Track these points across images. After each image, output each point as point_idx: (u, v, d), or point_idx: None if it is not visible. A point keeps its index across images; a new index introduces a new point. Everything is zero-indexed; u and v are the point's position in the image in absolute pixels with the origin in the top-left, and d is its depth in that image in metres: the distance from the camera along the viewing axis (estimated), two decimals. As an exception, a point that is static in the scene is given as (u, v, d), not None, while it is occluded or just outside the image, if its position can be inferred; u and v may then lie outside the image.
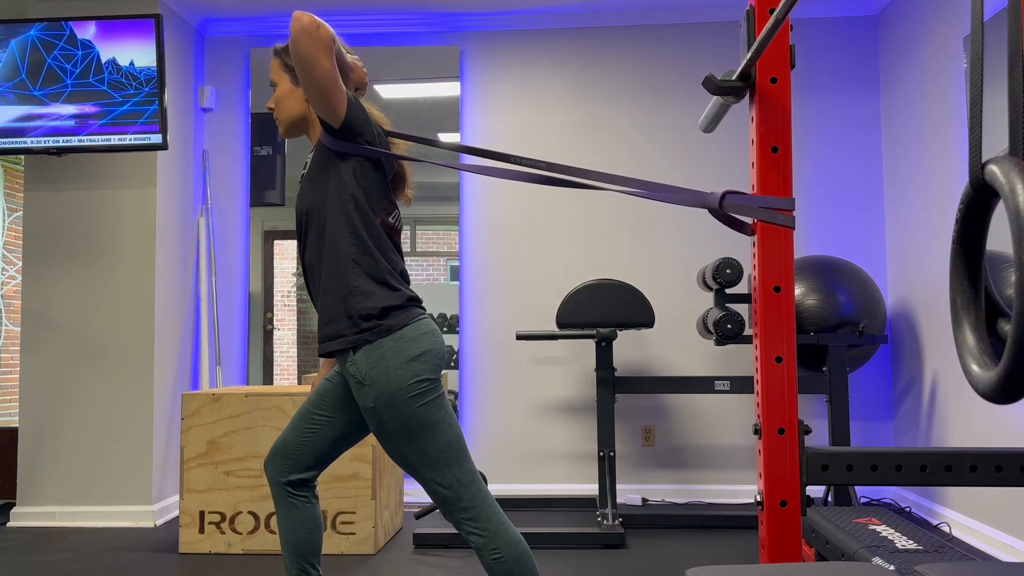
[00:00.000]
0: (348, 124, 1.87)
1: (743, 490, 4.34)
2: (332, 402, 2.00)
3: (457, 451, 1.86)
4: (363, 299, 1.86)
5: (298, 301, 4.62)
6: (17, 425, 4.36)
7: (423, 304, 1.96)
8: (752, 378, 3.73)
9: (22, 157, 4.98)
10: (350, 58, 1.98)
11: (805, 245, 4.42)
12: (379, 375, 1.83)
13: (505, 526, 1.86)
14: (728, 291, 3.81)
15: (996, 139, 3.11)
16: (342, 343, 1.87)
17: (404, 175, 2.08)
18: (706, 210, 4.56)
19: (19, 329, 5.10)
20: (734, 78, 1.71)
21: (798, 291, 3.81)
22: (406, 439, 1.84)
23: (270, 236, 4.63)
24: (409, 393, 1.82)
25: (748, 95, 1.73)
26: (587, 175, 1.75)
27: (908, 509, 4.06)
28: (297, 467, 1.99)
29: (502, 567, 1.83)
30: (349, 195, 1.88)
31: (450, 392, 4.46)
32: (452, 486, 1.84)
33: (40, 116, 3.78)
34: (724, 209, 1.58)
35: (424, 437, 1.83)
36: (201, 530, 3.40)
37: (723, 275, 3.57)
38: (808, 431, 1.67)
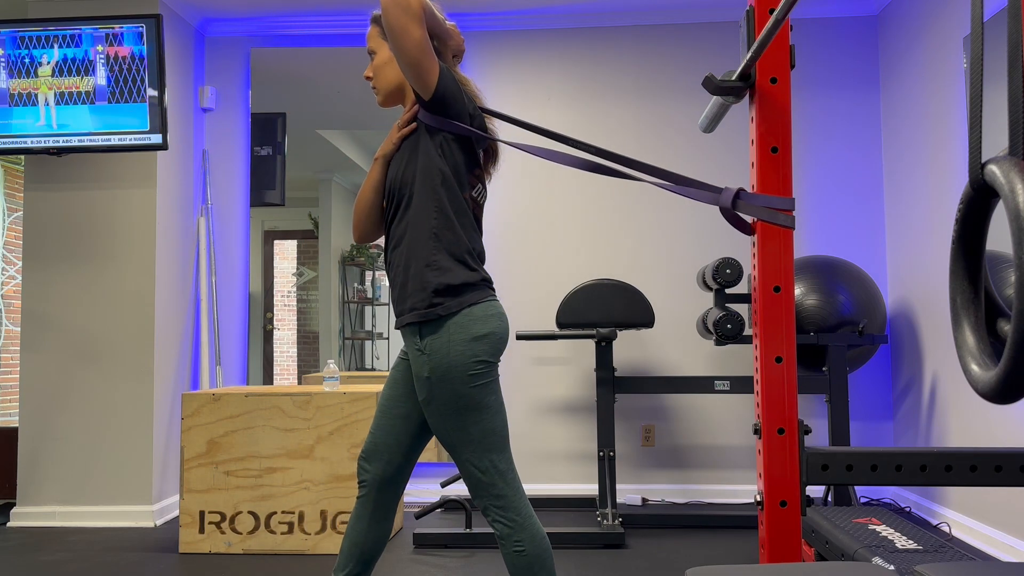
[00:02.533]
0: (439, 96, 1.85)
1: (743, 490, 4.34)
2: (405, 389, 1.97)
3: (500, 438, 1.86)
4: (440, 274, 1.84)
5: (298, 301, 4.62)
6: (17, 425, 4.36)
7: (494, 287, 1.95)
8: (752, 378, 3.73)
9: (22, 157, 4.97)
10: (447, 25, 1.95)
11: (805, 245, 4.42)
12: (439, 347, 1.82)
13: (532, 520, 1.85)
14: (728, 291, 3.81)
15: (996, 139, 3.11)
16: (414, 316, 1.85)
17: (496, 150, 2.05)
18: (708, 208, 4.56)
19: (19, 329, 5.10)
20: (734, 78, 1.71)
21: (798, 291, 3.81)
22: (452, 415, 1.83)
23: (270, 236, 4.63)
24: (467, 371, 1.81)
25: (748, 95, 1.73)
26: (630, 163, 1.75)
27: (908, 509, 4.06)
28: (391, 465, 1.96)
29: (522, 560, 1.82)
30: (437, 169, 1.86)
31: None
32: (488, 471, 1.84)
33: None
34: (735, 208, 1.58)
35: (471, 417, 1.83)
36: (201, 530, 3.40)
37: (723, 275, 3.57)
38: (808, 431, 1.67)
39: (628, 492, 4.37)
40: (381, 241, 4.43)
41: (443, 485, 3.69)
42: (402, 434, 1.96)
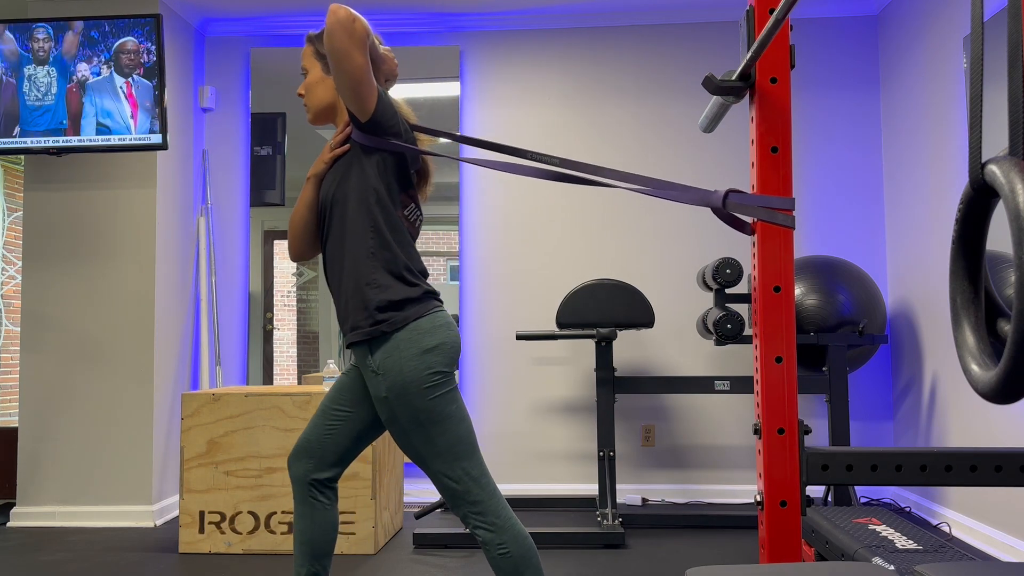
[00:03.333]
0: (376, 118, 1.87)
1: (743, 490, 4.34)
2: (350, 396, 2.00)
3: (468, 445, 1.86)
4: (380, 292, 1.86)
5: (298, 301, 4.62)
6: (17, 425, 4.36)
7: (440, 297, 1.97)
8: (752, 378, 3.73)
9: (22, 157, 4.97)
10: (382, 50, 1.98)
11: (805, 245, 4.42)
12: (392, 365, 1.83)
13: (512, 521, 1.86)
14: (728, 291, 3.81)
15: (996, 139, 3.11)
16: (359, 335, 1.88)
17: (428, 170, 2.08)
18: (708, 209, 4.56)
19: (19, 329, 5.10)
20: (734, 78, 1.71)
21: (798, 291, 3.81)
22: (417, 430, 1.84)
23: (270, 236, 4.63)
24: (422, 385, 1.83)
25: (748, 95, 1.73)
26: (599, 172, 1.75)
27: (908, 509, 4.06)
28: (322, 465, 1.98)
29: (508, 563, 1.83)
30: (372, 188, 1.89)
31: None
32: (461, 479, 1.84)
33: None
34: (726, 208, 1.58)
35: (435, 429, 1.84)
36: (201, 530, 3.40)
37: (723, 275, 3.57)
38: (808, 431, 1.67)
39: (628, 492, 4.37)
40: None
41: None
42: (340, 437, 1.99)
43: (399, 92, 4.67)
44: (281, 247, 4.66)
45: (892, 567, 2.24)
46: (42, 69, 3.75)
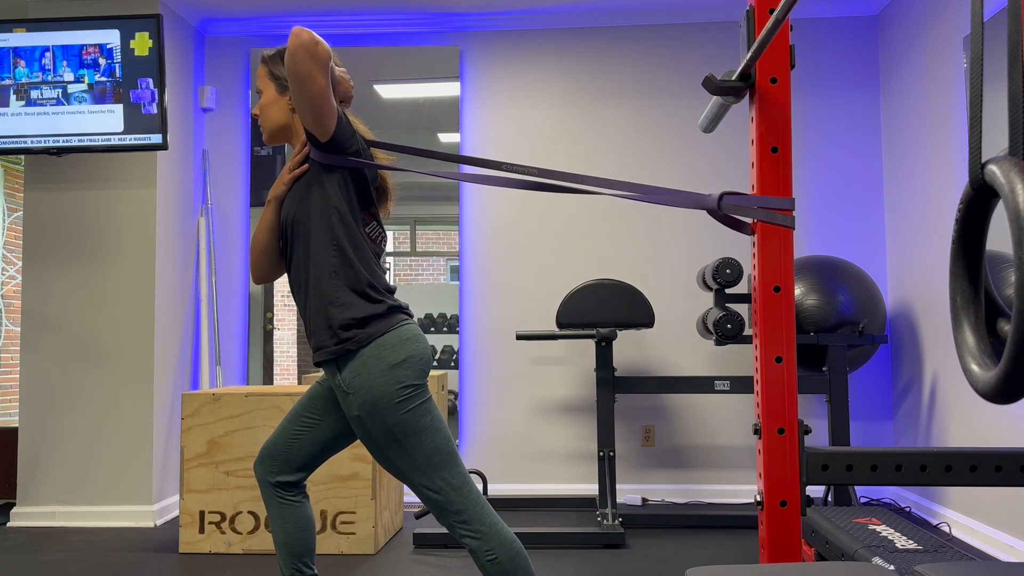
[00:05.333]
0: (336, 138, 1.88)
1: (743, 490, 4.34)
2: (321, 405, 2.01)
3: (446, 455, 1.86)
4: (343, 310, 1.87)
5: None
6: (17, 425, 4.36)
7: (409, 311, 1.97)
8: (752, 378, 3.73)
9: (22, 157, 4.97)
10: (339, 71, 1.99)
11: (805, 245, 4.42)
12: (361, 383, 1.84)
13: (498, 527, 1.86)
14: (728, 291, 3.81)
15: (996, 139, 3.11)
16: (324, 354, 1.89)
17: (387, 187, 2.09)
18: (705, 211, 4.55)
19: (19, 329, 5.10)
20: (734, 78, 1.71)
21: (798, 291, 3.81)
22: (392, 445, 1.85)
23: (270, 236, 4.63)
24: (393, 400, 1.83)
25: (748, 95, 1.73)
26: (582, 180, 1.75)
27: (908, 509, 4.06)
28: (286, 468, 2.00)
29: (497, 568, 1.84)
30: (333, 207, 1.90)
31: (450, 392, 4.46)
32: (442, 490, 1.85)
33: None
34: (723, 210, 1.58)
35: (410, 443, 1.84)
36: (201, 530, 3.40)
37: (723, 275, 3.57)
38: (808, 431, 1.67)
39: (628, 492, 4.37)
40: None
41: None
42: (306, 443, 2.00)
43: (400, 92, 4.67)
44: (281, 247, 4.65)
45: (892, 567, 2.24)
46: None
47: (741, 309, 4.31)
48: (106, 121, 3.76)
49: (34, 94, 3.77)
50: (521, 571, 1.85)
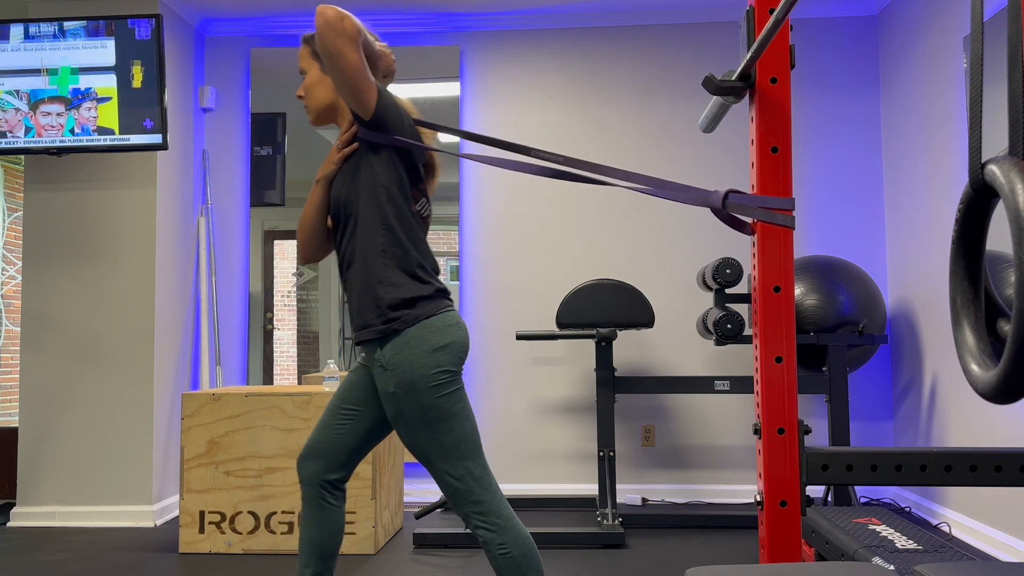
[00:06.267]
0: (378, 115, 1.87)
1: (743, 490, 4.34)
2: (358, 395, 1.99)
3: (472, 444, 1.86)
4: (392, 290, 1.86)
5: (298, 301, 4.62)
6: (17, 425, 4.36)
7: (451, 298, 1.96)
8: (752, 378, 3.73)
9: (22, 157, 4.98)
10: (378, 46, 1.97)
11: (805, 245, 4.42)
12: (402, 362, 1.83)
13: (514, 522, 1.86)
14: (728, 291, 3.81)
15: (996, 139, 3.11)
16: (371, 332, 1.87)
17: (435, 164, 2.08)
18: (707, 209, 4.56)
19: (19, 329, 5.10)
20: (734, 78, 1.71)
21: (798, 291, 3.81)
22: (422, 428, 1.84)
23: (270, 236, 4.63)
24: (430, 382, 1.83)
25: (748, 95, 1.73)
26: (601, 170, 1.75)
27: (908, 509, 4.06)
28: (331, 465, 1.98)
29: (508, 563, 1.83)
30: (382, 186, 1.89)
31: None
32: (464, 479, 1.85)
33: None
34: (726, 208, 1.58)
35: (441, 427, 1.84)
36: (201, 530, 3.40)
37: (723, 275, 3.57)
38: (808, 431, 1.67)
39: (628, 492, 4.37)
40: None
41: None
42: (348, 436, 1.99)
43: (399, 92, 4.67)
44: (281, 247, 4.66)
45: (892, 567, 2.24)
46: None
47: (741, 309, 4.31)
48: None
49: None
50: (533, 569, 1.85)
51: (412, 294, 1.87)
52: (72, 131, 3.78)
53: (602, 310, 3.81)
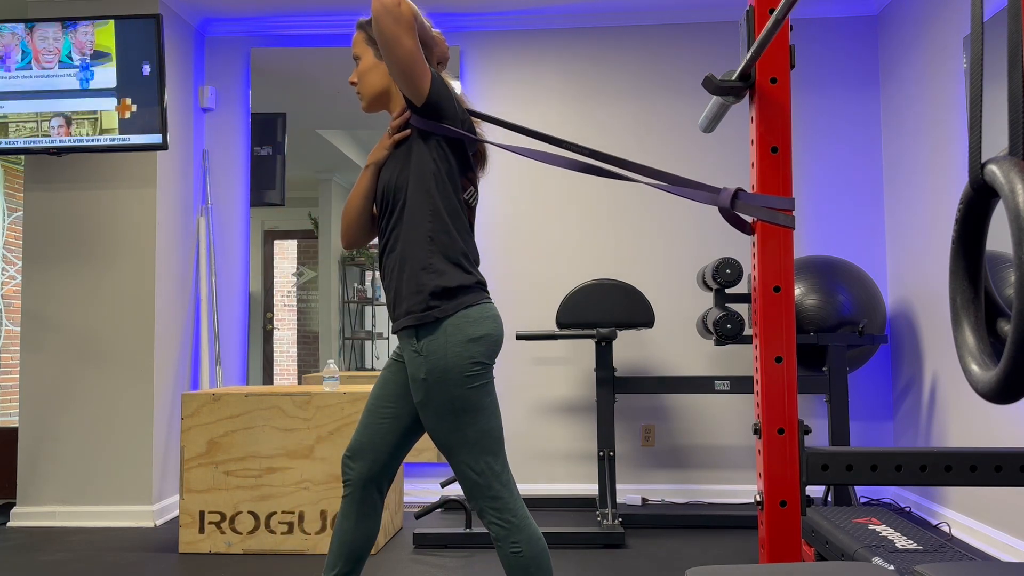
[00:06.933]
0: (432, 102, 1.86)
1: (743, 490, 4.34)
2: (393, 391, 1.99)
3: (496, 440, 1.86)
4: (436, 277, 1.86)
5: (298, 301, 4.62)
6: (17, 425, 4.36)
7: (488, 290, 1.96)
8: (752, 378, 3.73)
9: (22, 157, 4.98)
10: (433, 32, 1.97)
11: (805, 245, 4.42)
12: (436, 349, 1.83)
13: (528, 521, 1.86)
14: (728, 291, 3.81)
15: (996, 139, 3.11)
16: (411, 319, 1.87)
17: (485, 153, 2.07)
18: (708, 208, 4.56)
19: (19, 329, 5.10)
20: (734, 78, 1.71)
21: (798, 291, 3.81)
22: (448, 417, 1.84)
23: (270, 236, 4.63)
24: (463, 373, 1.83)
25: (748, 95, 1.73)
26: (623, 164, 1.76)
27: (908, 509, 4.06)
28: (375, 465, 1.97)
29: (519, 561, 1.83)
30: (431, 173, 1.88)
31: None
32: (484, 473, 1.84)
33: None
34: (734, 208, 1.58)
35: (467, 419, 1.83)
36: (201, 530, 3.40)
37: (723, 275, 3.57)
38: (808, 431, 1.67)
39: (628, 492, 4.37)
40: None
41: (443, 485, 3.69)
42: (389, 434, 1.97)
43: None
44: (281, 247, 4.66)
45: (892, 567, 2.24)
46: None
47: (741, 309, 4.31)
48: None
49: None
50: (543, 570, 1.84)
51: (455, 283, 1.86)
52: (69, 56, 3.75)
53: (602, 310, 3.81)
